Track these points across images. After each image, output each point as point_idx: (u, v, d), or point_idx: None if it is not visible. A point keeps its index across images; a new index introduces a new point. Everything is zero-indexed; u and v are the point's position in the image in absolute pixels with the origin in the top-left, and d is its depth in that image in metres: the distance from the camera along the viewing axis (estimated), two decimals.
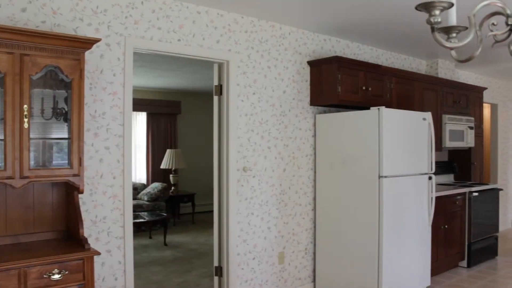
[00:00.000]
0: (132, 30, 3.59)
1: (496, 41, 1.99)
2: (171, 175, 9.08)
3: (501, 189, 6.64)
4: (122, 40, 3.53)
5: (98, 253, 2.87)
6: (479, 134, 6.78)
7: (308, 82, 4.84)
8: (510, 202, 8.95)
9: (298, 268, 4.78)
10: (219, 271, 4.32)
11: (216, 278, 4.35)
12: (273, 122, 4.52)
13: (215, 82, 4.32)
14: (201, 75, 7.65)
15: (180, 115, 10.01)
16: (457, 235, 5.67)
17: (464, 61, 2.12)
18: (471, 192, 5.80)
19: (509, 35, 1.97)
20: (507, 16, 1.87)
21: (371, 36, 5.15)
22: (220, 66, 4.28)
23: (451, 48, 1.90)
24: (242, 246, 4.29)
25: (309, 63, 4.81)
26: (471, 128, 6.33)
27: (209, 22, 4.05)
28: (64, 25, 3.24)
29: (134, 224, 5.86)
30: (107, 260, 3.45)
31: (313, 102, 4.81)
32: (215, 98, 4.33)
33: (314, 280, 4.92)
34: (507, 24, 1.87)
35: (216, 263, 4.35)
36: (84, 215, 3.27)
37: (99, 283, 3.40)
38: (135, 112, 9.21)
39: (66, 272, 2.70)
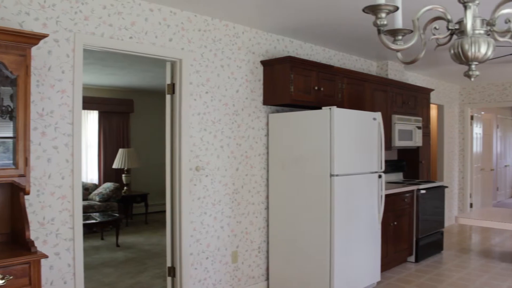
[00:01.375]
0: (82, 26, 3.50)
1: (439, 45, 2.07)
2: (123, 175, 8.92)
3: (447, 187, 6.90)
4: (71, 36, 3.43)
5: (46, 256, 2.78)
6: (426, 134, 7.02)
7: (261, 81, 4.87)
8: (455, 198, 9.33)
9: (251, 266, 4.80)
10: (172, 271, 4.29)
11: (169, 279, 4.31)
12: (226, 121, 4.52)
13: (168, 81, 4.28)
14: (154, 74, 7.56)
15: (133, 114, 9.84)
16: (406, 231, 5.85)
17: (409, 62, 2.19)
18: (419, 190, 6.00)
19: (450, 39, 2.05)
20: (448, 21, 1.94)
21: (324, 37, 5.23)
22: (173, 64, 4.24)
23: (397, 50, 1.97)
24: (195, 246, 4.27)
25: (262, 62, 4.83)
26: (419, 128, 6.54)
27: (162, 20, 4.01)
28: (9, 18, 3.12)
29: (85, 225, 5.74)
30: (55, 263, 3.35)
31: (266, 102, 4.84)
32: (168, 96, 4.29)
33: (267, 278, 4.95)
34: (447, 29, 1.95)
35: (169, 264, 4.31)
36: (30, 217, 3.16)
37: (47, 287, 3.30)
38: (86, 111, 8.99)
39: (11, 277, 2.59)
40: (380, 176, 4.93)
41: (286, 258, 4.72)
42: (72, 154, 3.44)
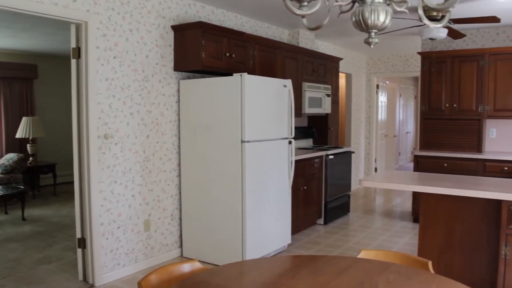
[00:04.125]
0: None
1: (342, 12, 2.14)
2: (28, 145, 8.44)
3: (353, 152, 7.24)
4: None
5: None
6: (335, 102, 7.29)
7: (172, 47, 4.77)
8: (361, 163, 9.84)
9: (164, 234, 4.79)
10: (82, 242, 4.18)
11: (79, 250, 4.20)
12: (135, 87, 4.40)
13: (73, 45, 4.06)
14: (59, 37, 7.14)
15: (37, 80, 9.27)
16: (315, 195, 6.11)
17: (314, 29, 2.25)
18: (327, 155, 6.25)
19: (352, 7, 2.13)
20: None
21: (236, 4, 5.20)
22: (78, 27, 4.03)
23: (302, 16, 2.01)
24: (105, 216, 4.18)
25: (173, 27, 4.73)
26: (328, 95, 6.77)
27: None
28: None
29: None
30: None
31: (177, 68, 4.77)
32: (73, 61, 4.08)
33: (181, 245, 4.98)
34: None
35: (78, 235, 4.19)
36: None
37: None
38: None
39: None
40: (290, 142, 5.07)
41: (199, 225, 4.77)
42: None
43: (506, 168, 5.65)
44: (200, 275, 2.03)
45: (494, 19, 4.87)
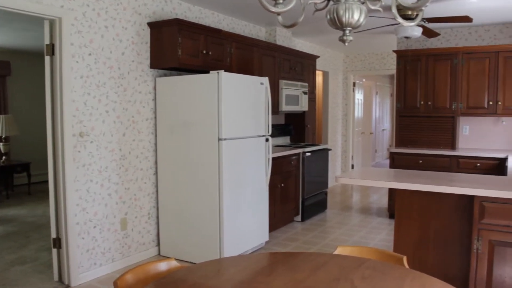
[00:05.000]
0: None
1: (317, 9, 2.16)
2: (1, 144, 8.26)
3: (330, 149, 7.30)
4: None
5: None
6: (312, 99, 7.33)
7: (148, 44, 4.73)
8: (338, 160, 9.92)
9: (141, 233, 4.76)
10: (57, 242, 4.12)
11: (54, 250, 4.14)
12: (111, 85, 4.35)
13: (46, 41, 4.00)
14: (33, 33, 7.01)
15: (10, 77, 9.09)
16: (292, 192, 6.14)
17: (289, 26, 2.26)
18: (304, 153, 6.29)
19: (327, 5, 2.14)
20: None
21: (213, 1, 5.18)
22: (52, 23, 3.96)
23: (277, 13, 2.02)
24: (81, 215, 4.13)
25: (150, 24, 4.69)
26: (305, 93, 6.81)
27: None
28: None
29: None
30: None
31: (153, 65, 4.73)
32: (47, 58, 4.01)
33: (158, 244, 4.95)
34: None
35: (53, 235, 4.13)
36: None
37: None
38: None
39: None
40: (267, 140, 5.08)
41: (177, 223, 4.75)
42: None
43: (478, 164, 5.76)
44: (177, 274, 2.02)
45: (466, 19, 4.96)
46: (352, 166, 10.18)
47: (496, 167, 5.64)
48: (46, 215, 6.63)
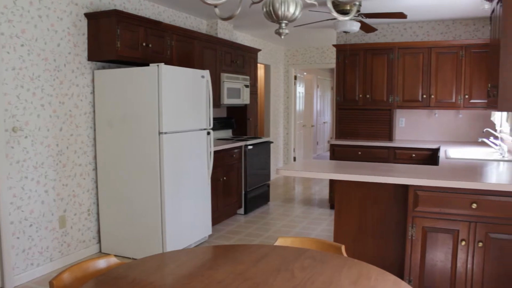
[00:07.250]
0: None
1: (253, 2, 2.16)
2: None
3: (272, 142, 7.38)
4: None
5: None
6: (254, 92, 7.37)
7: (86, 35, 4.58)
8: (280, 153, 10.05)
9: (81, 230, 4.63)
10: None
11: None
12: (46, 77, 4.18)
13: None
14: None
15: None
16: (235, 185, 6.16)
17: (226, 19, 2.26)
18: (246, 146, 6.32)
19: None
20: None
21: None
22: None
23: (214, 5, 2.01)
24: (16, 214, 3.96)
25: (87, 15, 4.54)
26: (247, 86, 6.83)
27: None
28: None
29: None
30: None
31: (91, 57, 4.59)
32: None
33: (99, 241, 4.84)
34: None
35: None
36: None
37: None
38: None
39: None
40: (208, 133, 5.07)
41: (118, 219, 4.65)
42: None
43: (414, 155, 6.01)
44: (117, 270, 1.98)
45: (401, 15, 5.15)
46: (294, 159, 10.34)
47: (430, 157, 5.92)
48: None
